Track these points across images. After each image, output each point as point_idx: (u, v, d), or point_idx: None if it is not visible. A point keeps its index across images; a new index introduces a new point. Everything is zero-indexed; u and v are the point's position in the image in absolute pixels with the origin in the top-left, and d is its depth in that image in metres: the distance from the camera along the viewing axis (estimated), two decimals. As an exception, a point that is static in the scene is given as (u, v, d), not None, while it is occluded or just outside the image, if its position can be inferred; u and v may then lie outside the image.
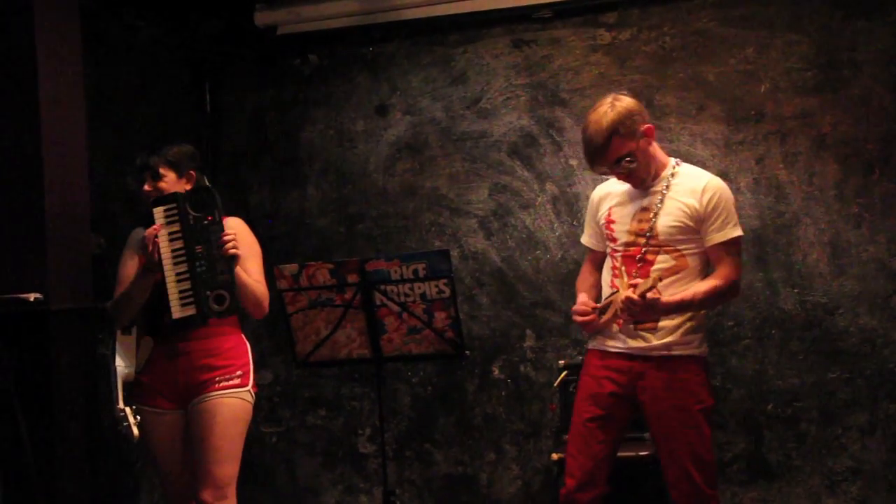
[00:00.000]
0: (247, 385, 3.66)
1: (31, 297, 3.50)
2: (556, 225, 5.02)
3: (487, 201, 5.13)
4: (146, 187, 3.65)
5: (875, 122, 4.58)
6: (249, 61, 5.55)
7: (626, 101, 3.42)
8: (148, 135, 4.93)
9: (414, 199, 5.25)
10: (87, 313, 3.77)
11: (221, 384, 3.60)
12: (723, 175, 4.50)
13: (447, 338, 3.62)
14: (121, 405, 3.53)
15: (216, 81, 5.56)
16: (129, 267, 3.63)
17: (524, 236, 5.07)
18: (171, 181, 3.65)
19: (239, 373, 3.64)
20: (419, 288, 3.57)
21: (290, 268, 3.67)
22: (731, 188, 3.59)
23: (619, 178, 3.52)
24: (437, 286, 3.56)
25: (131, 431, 3.51)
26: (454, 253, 5.07)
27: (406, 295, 3.58)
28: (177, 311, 3.46)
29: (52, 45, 3.69)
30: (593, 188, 4.88)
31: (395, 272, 3.56)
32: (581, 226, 4.91)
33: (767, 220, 4.65)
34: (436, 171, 5.22)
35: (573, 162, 4.99)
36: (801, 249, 4.67)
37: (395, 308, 3.60)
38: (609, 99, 3.44)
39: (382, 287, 3.59)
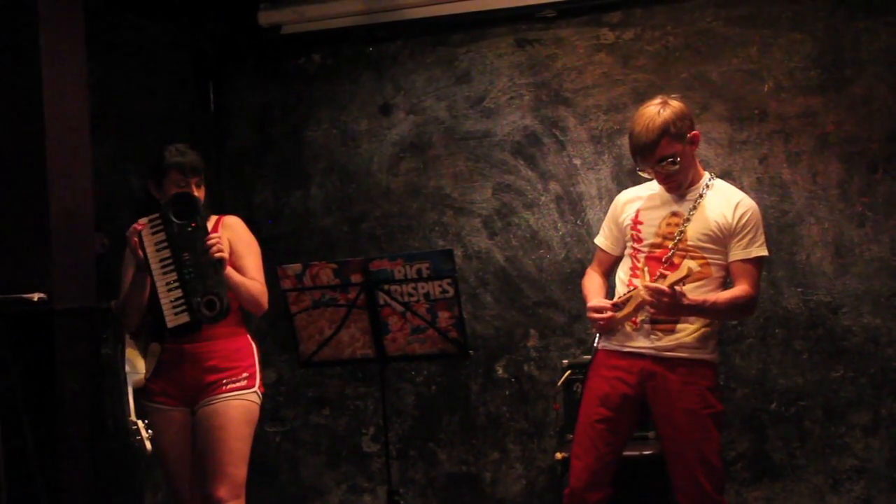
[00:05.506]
0: (253, 386, 3.68)
1: (35, 296, 3.51)
2: (559, 224, 5.02)
3: (491, 201, 5.13)
4: (197, 193, 3.63)
5: (878, 121, 4.58)
6: (253, 61, 5.55)
7: (678, 104, 3.47)
8: (152, 134, 4.93)
9: (417, 198, 5.25)
10: (90, 313, 3.77)
11: (228, 386, 3.61)
12: (726, 174, 4.54)
13: (451, 337, 3.62)
14: (132, 418, 3.50)
15: (220, 81, 5.57)
16: (130, 271, 3.64)
17: (528, 236, 5.07)
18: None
19: (245, 375, 3.66)
20: (423, 287, 3.57)
21: (294, 267, 3.67)
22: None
23: (658, 180, 3.54)
24: (440, 286, 3.55)
25: (144, 445, 3.47)
26: (458, 252, 5.07)
27: (410, 294, 3.57)
28: (171, 320, 3.47)
29: (55, 43, 3.70)
30: (597, 188, 4.95)
31: (399, 272, 3.56)
32: (584, 225, 4.95)
33: (771, 220, 4.64)
34: (439, 170, 5.22)
35: (577, 161, 5.00)
36: (804, 248, 4.67)
37: (399, 308, 3.60)
38: (659, 99, 3.49)
39: (386, 287, 3.58)
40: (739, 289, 3.46)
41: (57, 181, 3.64)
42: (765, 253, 3.51)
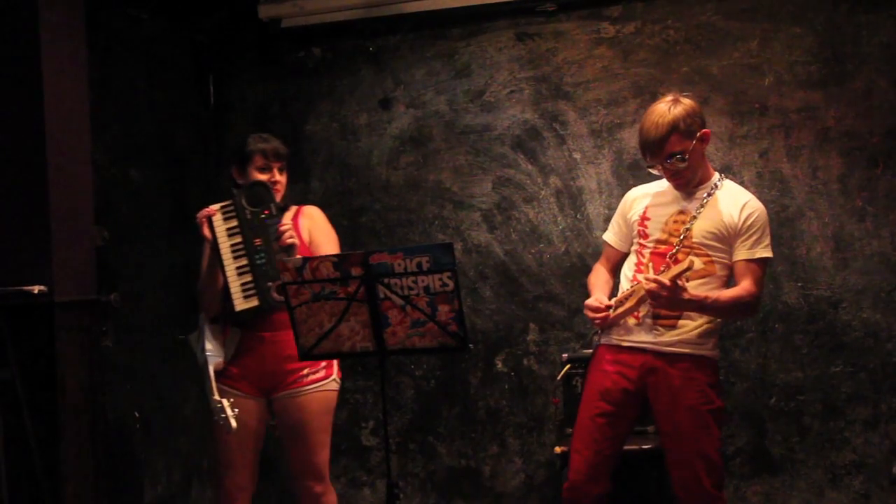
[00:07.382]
0: (332, 375, 3.86)
1: (35, 289, 3.51)
2: (559, 218, 5.02)
3: (491, 194, 5.13)
4: (280, 177, 3.81)
5: (879, 115, 4.58)
6: (253, 54, 5.55)
7: (689, 101, 3.49)
8: (152, 127, 4.93)
9: (417, 192, 5.25)
10: (91, 305, 3.78)
11: (309, 378, 3.79)
12: (726, 169, 4.54)
13: (450, 331, 3.60)
14: (216, 396, 3.61)
15: (220, 74, 5.56)
16: (206, 255, 3.77)
17: (528, 230, 5.07)
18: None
19: (323, 364, 3.82)
20: (423, 281, 3.55)
21: (294, 261, 3.66)
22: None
23: (666, 176, 3.55)
24: (440, 279, 3.54)
25: (229, 423, 3.56)
26: (458, 246, 5.07)
27: (409, 288, 3.56)
28: (239, 304, 3.60)
29: (55, 37, 3.69)
30: (596, 182, 4.95)
31: (399, 265, 3.55)
32: (584, 219, 4.95)
33: (771, 214, 4.58)
34: (439, 164, 5.22)
35: (577, 155, 4.99)
36: (804, 243, 4.67)
37: (399, 301, 3.59)
38: (671, 96, 3.51)
39: (386, 280, 3.57)
40: (742, 288, 3.47)
41: (57, 174, 3.64)
42: (769, 255, 3.52)
